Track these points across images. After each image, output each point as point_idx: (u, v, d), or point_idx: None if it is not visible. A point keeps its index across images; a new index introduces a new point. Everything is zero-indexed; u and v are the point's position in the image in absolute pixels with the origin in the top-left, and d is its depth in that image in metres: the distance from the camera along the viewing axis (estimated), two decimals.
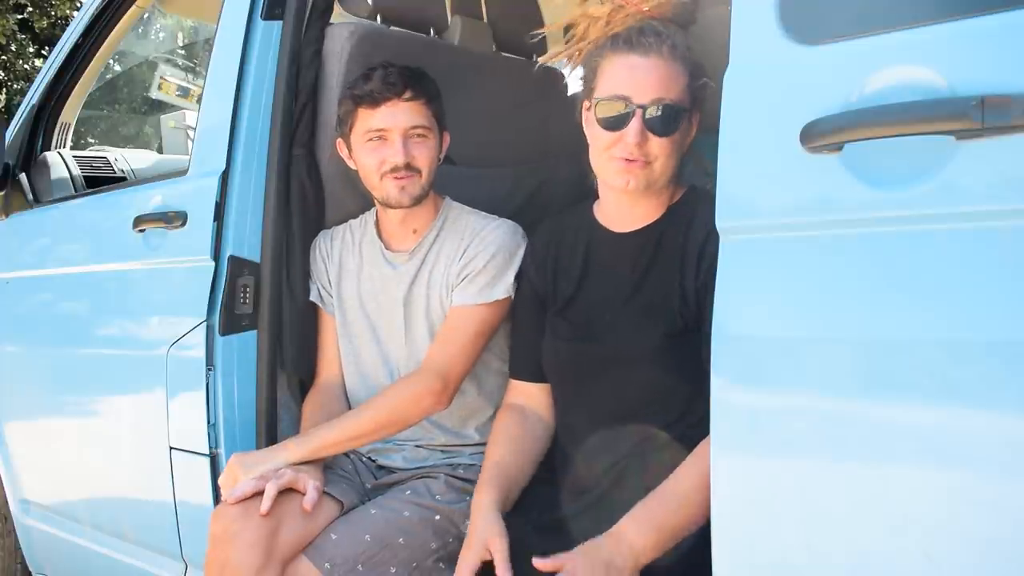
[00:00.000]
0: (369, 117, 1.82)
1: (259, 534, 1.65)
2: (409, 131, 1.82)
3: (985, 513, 1.00)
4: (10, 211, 2.75)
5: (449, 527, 1.78)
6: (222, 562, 1.67)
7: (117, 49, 2.90)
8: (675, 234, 1.60)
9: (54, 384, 2.50)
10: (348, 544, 1.70)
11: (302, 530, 1.71)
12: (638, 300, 1.61)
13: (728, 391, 1.19)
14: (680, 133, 1.56)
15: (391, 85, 1.80)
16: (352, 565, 1.68)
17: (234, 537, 1.66)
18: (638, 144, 1.52)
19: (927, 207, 1.04)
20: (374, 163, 1.83)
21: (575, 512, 1.61)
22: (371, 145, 1.83)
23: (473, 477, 1.85)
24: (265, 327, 1.96)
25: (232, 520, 1.68)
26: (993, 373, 0.99)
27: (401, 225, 1.92)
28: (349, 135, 1.87)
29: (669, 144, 1.55)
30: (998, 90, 0.98)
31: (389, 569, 1.71)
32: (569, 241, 1.73)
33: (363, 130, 1.83)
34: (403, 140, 1.81)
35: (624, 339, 1.58)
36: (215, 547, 1.68)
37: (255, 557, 1.64)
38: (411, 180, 1.83)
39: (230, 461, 1.79)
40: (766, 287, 1.18)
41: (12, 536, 2.75)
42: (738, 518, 1.19)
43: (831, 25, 1.16)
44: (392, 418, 1.80)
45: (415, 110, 1.83)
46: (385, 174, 1.82)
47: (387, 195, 1.84)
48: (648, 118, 1.52)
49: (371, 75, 1.82)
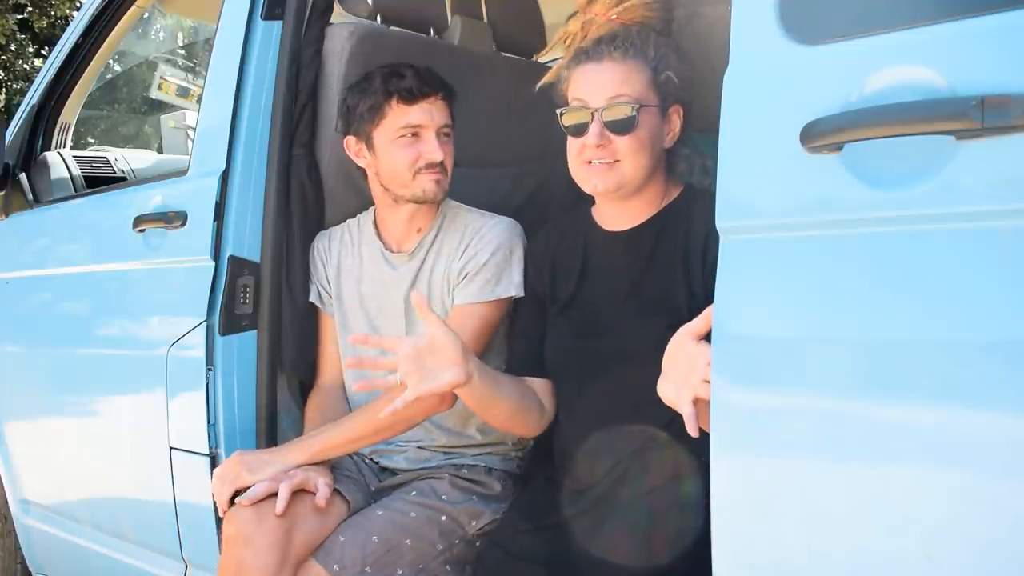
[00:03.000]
0: (405, 113, 1.82)
1: (275, 536, 1.66)
2: (441, 129, 1.84)
3: (985, 513, 1.00)
4: (10, 211, 2.75)
5: (455, 528, 1.78)
6: (239, 564, 1.67)
7: (117, 49, 2.90)
8: (674, 233, 1.60)
9: (54, 384, 2.50)
10: (356, 546, 1.70)
11: (315, 531, 1.72)
12: (638, 297, 1.61)
13: (728, 391, 1.19)
14: (645, 129, 1.56)
15: (427, 83, 1.82)
16: (360, 566, 1.68)
17: (249, 539, 1.66)
18: (599, 145, 1.55)
19: (927, 207, 1.04)
20: (408, 159, 1.82)
21: (575, 512, 1.61)
22: (404, 141, 1.82)
23: (477, 477, 1.85)
24: (265, 327, 1.96)
25: (246, 522, 1.68)
26: (993, 373, 0.99)
27: (408, 223, 1.91)
28: (373, 131, 1.85)
29: (632, 141, 1.56)
30: (998, 90, 0.98)
31: (396, 570, 1.71)
32: (568, 242, 1.74)
33: (397, 126, 1.82)
34: (437, 137, 1.83)
35: (626, 336, 1.58)
36: (230, 549, 1.68)
37: (272, 559, 1.65)
38: (444, 176, 1.85)
39: (231, 458, 1.80)
40: (766, 287, 1.17)
41: (12, 536, 2.75)
42: (738, 518, 1.19)
43: (831, 25, 1.16)
44: (394, 419, 1.79)
45: (445, 109, 1.86)
46: (420, 170, 1.82)
47: (423, 190, 1.84)
48: (607, 120, 1.55)
49: (403, 72, 1.82)
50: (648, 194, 1.64)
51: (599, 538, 1.55)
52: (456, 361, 1.49)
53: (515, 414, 1.67)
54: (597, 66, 1.58)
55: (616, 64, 1.57)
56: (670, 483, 1.53)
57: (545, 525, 1.63)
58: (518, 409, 1.67)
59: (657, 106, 1.58)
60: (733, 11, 1.23)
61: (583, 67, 1.60)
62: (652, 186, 1.63)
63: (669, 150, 1.65)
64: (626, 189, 1.59)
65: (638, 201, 1.64)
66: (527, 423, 1.71)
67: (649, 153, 1.58)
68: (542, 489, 1.73)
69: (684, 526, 1.46)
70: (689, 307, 1.53)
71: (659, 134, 1.60)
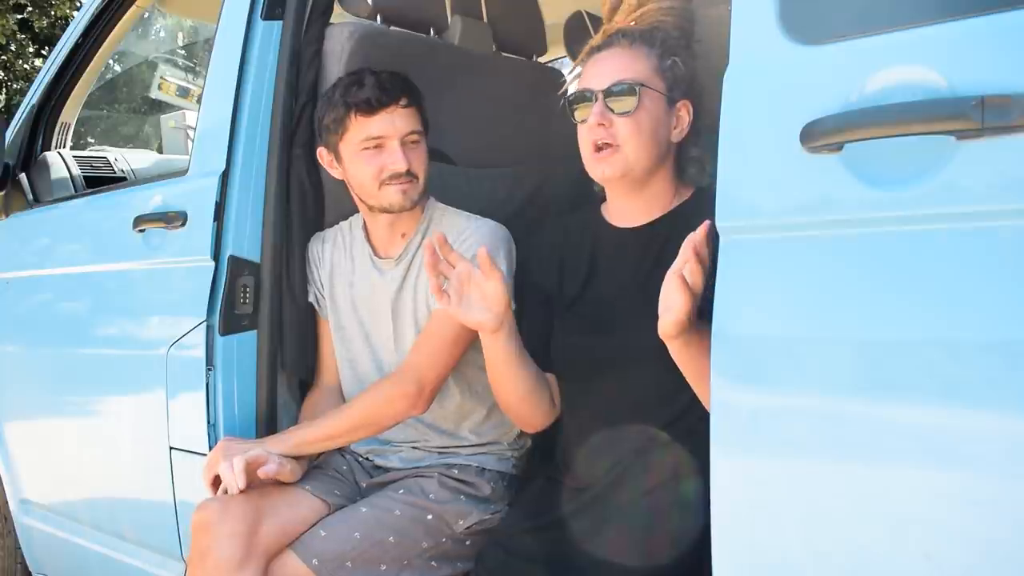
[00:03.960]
0: (365, 124, 1.80)
1: (238, 525, 1.68)
2: (406, 137, 1.82)
3: (985, 513, 1.00)
4: (10, 211, 2.75)
5: (442, 527, 1.78)
6: (202, 552, 1.69)
7: (117, 49, 2.90)
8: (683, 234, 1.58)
9: (54, 384, 2.49)
10: (337, 541, 1.71)
11: (284, 524, 1.73)
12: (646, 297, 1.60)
13: (728, 391, 1.19)
14: (646, 112, 1.56)
15: (387, 91, 1.79)
16: (341, 562, 1.69)
17: (212, 528, 1.69)
18: (601, 125, 1.55)
19: (927, 207, 1.04)
20: (372, 171, 1.81)
21: (576, 511, 1.61)
22: (367, 153, 1.81)
23: (468, 477, 1.85)
24: (265, 327, 1.96)
25: (211, 512, 1.71)
26: (993, 373, 0.99)
27: (390, 229, 1.91)
28: (338, 144, 1.84)
29: (632, 123, 1.55)
30: (998, 90, 0.98)
31: (379, 567, 1.72)
32: (575, 239, 1.73)
33: (359, 138, 1.81)
34: (401, 146, 1.81)
35: (632, 335, 1.58)
36: (195, 538, 1.72)
37: (235, 548, 1.66)
38: (412, 185, 1.82)
39: (216, 446, 1.82)
40: (766, 287, 1.17)
41: (12, 536, 2.75)
42: (738, 518, 1.19)
43: (831, 25, 1.16)
44: (366, 420, 1.80)
45: (410, 116, 1.82)
46: (385, 181, 1.81)
47: (389, 202, 1.83)
48: (609, 101, 1.56)
49: (362, 81, 1.80)
50: (656, 189, 1.63)
51: (599, 538, 1.55)
52: (495, 310, 1.55)
53: (529, 394, 1.67)
54: (604, 54, 1.60)
55: (622, 50, 1.59)
56: (670, 483, 1.53)
57: (545, 524, 1.63)
58: (532, 389, 1.67)
59: (663, 94, 1.58)
60: (733, 11, 1.23)
61: (591, 59, 1.62)
62: (660, 182, 1.63)
63: (680, 150, 1.64)
64: (632, 175, 1.59)
65: (647, 196, 1.63)
66: (536, 409, 1.70)
67: (651, 139, 1.57)
68: (542, 488, 1.73)
69: (684, 526, 1.46)
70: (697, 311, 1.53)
71: (664, 122, 1.59)
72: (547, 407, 1.71)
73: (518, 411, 1.72)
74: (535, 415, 1.72)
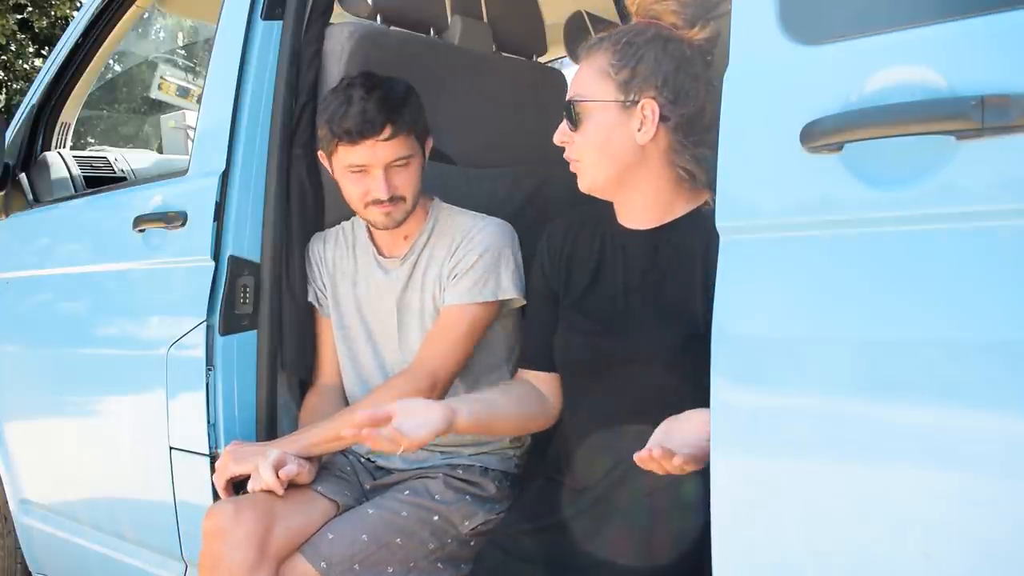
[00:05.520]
0: (349, 153, 1.79)
1: (251, 530, 1.67)
2: (391, 164, 1.81)
3: (985, 513, 1.00)
4: (10, 211, 2.75)
5: (448, 527, 1.78)
6: (215, 558, 1.68)
7: (117, 49, 2.90)
8: (694, 239, 1.56)
9: (54, 384, 2.49)
10: (345, 543, 1.70)
11: (297, 526, 1.73)
12: (654, 300, 1.60)
13: (728, 391, 1.19)
14: (594, 124, 1.55)
15: (369, 124, 1.76)
16: (349, 564, 1.69)
17: (226, 533, 1.68)
18: (562, 142, 1.59)
19: (927, 207, 1.04)
20: (358, 192, 1.82)
21: (576, 512, 1.61)
22: (353, 176, 1.82)
23: (472, 477, 1.86)
24: (265, 327, 1.96)
25: (223, 516, 1.70)
26: (993, 373, 0.99)
27: (391, 235, 1.92)
28: (331, 158, 1.85)
29: (581, 139, 1.57)
30: (998, 90, 0.98)
31: (386, 568, 1.72)
32: (586, 235, 1.73)
33: (344, 163, 1.81)
34: (385, 173, 1.80)
35: (638, 338, 1.58)
36: (207, 543, 1.70)
37: (248, 553, 1.66)
38: (396, 207, 1.83)
39: (224, 451, 1.83)
40: (766, 287, 1.17)
41: (12, 536, 2.75)
42: (738, 518, 1.19)
43: (831, 25, 1.16)
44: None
45: (394, 145, 1.80)
46: (369, 203, 1.82)
47: (373, 221, 1.86)
48: (569, 115, 1.57)
49: (349, 108, 1.77)
50: (654, 193, 1.60)
51: (599, 538, 1.55)
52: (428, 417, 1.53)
53: (518, 424, 1.75)
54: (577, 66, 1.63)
55: (583, 62, 1.60)
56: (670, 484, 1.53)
57: (545, 525, 1.63)
58: (519, 417, 1.71)
59: (616, 101, 1.54)
60: (733, 11, 1.23)
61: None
62: (653, 186, 1.60)
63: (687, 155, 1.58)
64: (601, 186, 1.60)
65: (646, 199, 1.61)
66: (533, 426, 1.77)
67: (604, 150, 1.56)
68: (542, 489, 1.72)
69: (684, 526, 1.46)
70: (705, 316, 1.51)
71: (619, 129, 1.55)
72: (542, 416, 1.74)
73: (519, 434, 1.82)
74: (534, 428, 1.78)
